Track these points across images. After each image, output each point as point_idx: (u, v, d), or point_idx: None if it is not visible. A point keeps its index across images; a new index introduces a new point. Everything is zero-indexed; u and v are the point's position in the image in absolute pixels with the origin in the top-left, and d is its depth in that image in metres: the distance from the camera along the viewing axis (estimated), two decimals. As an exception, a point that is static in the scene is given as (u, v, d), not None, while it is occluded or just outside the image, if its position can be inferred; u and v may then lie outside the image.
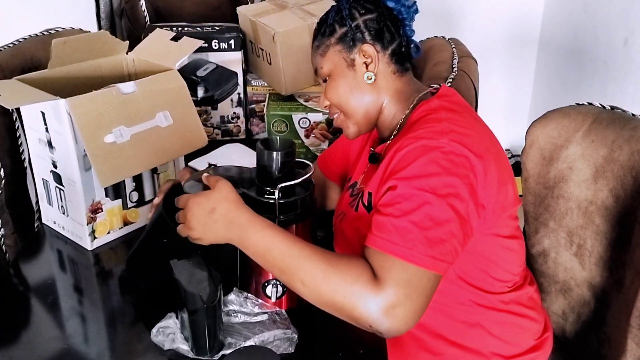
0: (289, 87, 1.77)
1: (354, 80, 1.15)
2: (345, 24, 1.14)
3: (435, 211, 0.94)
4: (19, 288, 1.31)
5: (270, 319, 1.11)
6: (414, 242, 0.92)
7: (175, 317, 1.08)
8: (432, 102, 1.10)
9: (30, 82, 1.32)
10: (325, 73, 1.17)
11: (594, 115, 1.20)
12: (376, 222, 0.97)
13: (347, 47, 1.14)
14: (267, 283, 1.13)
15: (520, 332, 1.15)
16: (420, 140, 0.99)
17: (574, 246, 1.24)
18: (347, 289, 0.91)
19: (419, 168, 0.97)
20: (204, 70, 1.75)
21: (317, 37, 1.19)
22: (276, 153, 1.09)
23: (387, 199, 0.98)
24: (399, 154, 1.00)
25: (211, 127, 1.86)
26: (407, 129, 1.09)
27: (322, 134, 1.73)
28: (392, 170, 1.00)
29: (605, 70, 2.47)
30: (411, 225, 0.93)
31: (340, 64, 1.15)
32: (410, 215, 0.93)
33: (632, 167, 1.11)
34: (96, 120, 1.27)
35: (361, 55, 1.13)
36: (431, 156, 0.97)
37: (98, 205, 1.36)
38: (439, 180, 0.95)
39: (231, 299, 1.12)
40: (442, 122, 1.03)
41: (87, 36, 1.53)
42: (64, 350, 1.09)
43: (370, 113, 1.16)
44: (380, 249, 0.93)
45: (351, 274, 0.92)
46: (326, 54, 1.16)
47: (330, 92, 1.17)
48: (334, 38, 1.15)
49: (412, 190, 0.95)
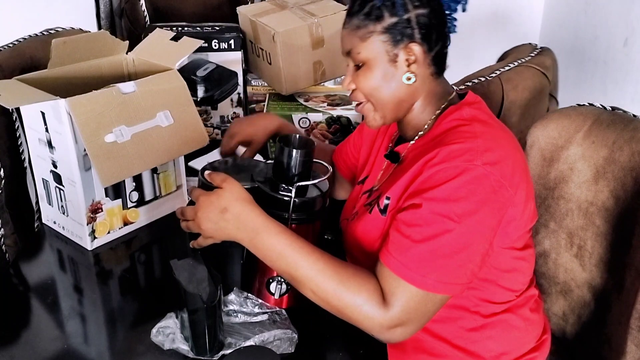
0: (289, 87, 1.77)
1: (393, 76, 1.06)
2: (397, 13, 1.02)
3: (457, 239, 0.94)
4: (19, 288, 1.31)
5: (271, 319, 1.11)
6: (430, 269, 0.94)
7: (175, 317, 1.08)
8: (464, 111, 1.06)
9: (30, 82, 1.32)
10: (361, 59, 1.07)
11: (595, 116, 1.20)
12: (394, 240, 0.97)
13: (394, 41, 1.04)
14: (272, 280, 1.13)
15: (523, 336, 1.15)
16: (454, 160, 0.96)
17: (574, 247, 1.24)
18: (356, 309, 0.96)
19: (449, 192, 0.94)
20: (204, 70, 1.75)
21: (357, 15, 1.06)
22: (296, 151, 1.09)
23: (409, 217, 0.96)
24: (430, 171, 0.97)
25: (211, 127, 1.86)
26: (436, 136, 1.05)
27: (322, 134, 1.73)
28: (420, 187, 0.97)
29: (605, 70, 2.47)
30: (429, 253, 0.94)
31: (382, 56, 1.05)
32: (430, 242, 0.94)
33: (633, 168, 1.11)
34: (96, 120, 1.27)
35: (406, 53, 1.04)
36: (463, 180, 0.94)
37: (98, 205, 1.36)
38: (466, 207, 0.94)
39: (231, 299, 1.12)
40: (477, 138, 0.98)
41: (87, 36, 1.53)
42: (64, 350, 1.09)
43: (400, 110, 1.10)
44: (394, 272, 0.95)
45: (362, 296, 0.95)
46: (367, 40, 1.05)
47: (362, 81, 1.08)
48: (381, 26, 1.04)
49: (436, 216, 0.94)
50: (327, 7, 1.78)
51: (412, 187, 1.00)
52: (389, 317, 0.95)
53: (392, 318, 0.94)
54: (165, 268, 1.38)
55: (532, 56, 1.70)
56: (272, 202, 1.08)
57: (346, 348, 1.12)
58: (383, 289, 0.96)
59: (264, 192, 1.10)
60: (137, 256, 1.42)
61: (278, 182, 1.10)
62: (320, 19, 1.73)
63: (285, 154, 1.09)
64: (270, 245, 0.99)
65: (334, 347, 1.12)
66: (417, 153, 1.07)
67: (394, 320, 0.95)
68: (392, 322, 0.95)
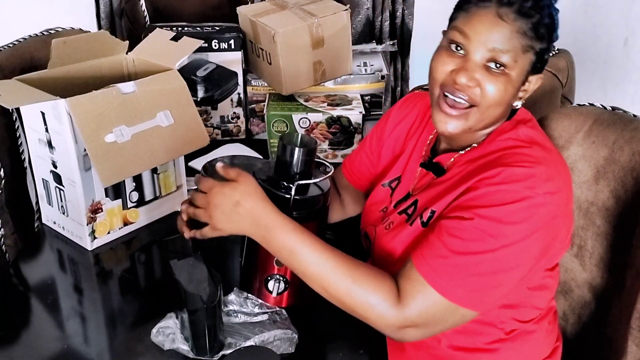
0: (289, 87, 1.77)
1: (511, 94, 0.97)
2: (551, 40, 0.96)
3: (499, 261, 0.92)
4: (19, 288, 1.31)
5: (271, 319, 1.11)
6: (461, 282, 0.92)
7: (175, 317, 1.08)
8: (520, 131, 1.01)
9: (30, 82, 1.32)
10: (505, 63, 0.94)
11: (595, 116, 1.20)
12: (431, 246, 0.94)
13: (535, 66, 0.97)
14: (270, 277, 1.13)
15: (540, 346, 1.13)
16: (516, 184, 0.92)
17: (574, 247, 1.24)
18: (369, 308, 0.94)
19: (504, 214, 0.91)
20: (204, 70, 1.75)
21: (524, 19, 0.93)
22: (298, 149, 1.09)
23: (454, 226, 0.93)
24: (488, 189, 0.93)
25: (211, 127, 1.86)
26: (489, 153, 1.01)
27: (322, 134, 1.73)
28: (474, 203, 0.94)
29: (605, 70, 2.47)
30: (465, 267, 0.92)
31: (520, 73, 0.96)
32: (469, 257, 0.92)
33: (633, 168, 1.10)
34: (96, 120, 1.27)
35: (528, 80, 0.98)
36: (521, 205, 0.91)
37: (98, 206, 1.35)
38: (518, 233, 0.91)
39: (231, 299, 1.12)
40: (540, 165, 0.94)
41: (87, 36, 1.53)
42: (64, 351, 1.09)
43: (486, 126, 1.03)
44: (424, 277, 0.93)
45: (376, 296, 0.94)
46: (526, 54, 0.94)
47: (489, 86, 0.95)
48: (539, 46, 0.95)
49: (483, 233, 0.91)
50: (327, 7, 1.78)
51: (463, 199, 0.96)
52: (403, 317, 0.93)
53: (406, 319, 0.93)
54: (165, 268, 1.38)
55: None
56: (272, 200, 1.08)
57: (346, 348, 1.12)
58: (403, 289, 0.94)
59: (265, 189, 1.10)
60: (137, 256, 1.42)
61: (279, 180, 1.10)
62: (320, 19, 1.73)
63: (287, 152, 1.09)
64: (282, 242, 0.98)
65: (334, 347, 1.12)
66: (464, 167, 1.02)
67: (407, 321, 0.93)
68: (404, 323, 0.93)
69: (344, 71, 1.85)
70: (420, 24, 2.41)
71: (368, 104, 1.87)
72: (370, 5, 2.39)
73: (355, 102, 1.78)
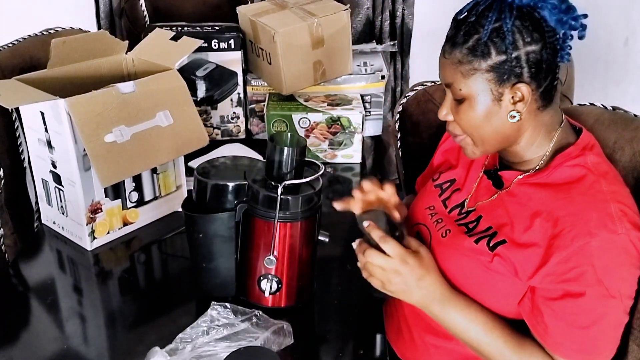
0: (289, 87, 1.77)
1: (496, 114, 0.99)
2: (505, 51, 0.94)
3: (619, 312, 0.95)
4: (19, 288, 1.31)
5: (254, 323, 1.09)
6: (602, 347, 0.96)
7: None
8: (588, 158, 1.01)
9: (29, 82, 1.32)
10: (462, 95, 1.00)
11: (596, 115, 1.20)
12: (560, 331, 0.96)
13: (499, 80, 0.96)
14: (262, 277, 1.14)
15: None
16: (598, 232, 0.92)
17: (575, 247, 1.24)
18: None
19: (601, 271, 0.92)
20: (204, 70, 1.75)
21: (459, 48, 0.97)
22: (287, 149, 1.09)
23: (572, 306, 0.94)
24: (570, 248, 0.93)
25: (211, 127, 1.86)
26: (558, 183, 1.01)
27: (322, 134, 1.73)
28: (569, 275, 0.94)
29: (605, 70, 2.47)
30: (600, 333, 0.95)
31: (485, 94, 0.98)
32: (598, 324, 0.94)
33: (634, 168, 1.10)
34: (96, 120, 1.27)
35: (512, 92, 0.97)
36: (612, 254, 0.93)
37: (97, 206, 1.35)
38: (622, 279, 0.94)
39: (213, 315, 1.09)
40: (611, 202, 0.95)
41: (86, 36, 1.53)
42: (64, 351, 1.09)
43: (503, 144, 1.04)
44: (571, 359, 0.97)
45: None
46: (470, 77, 0.97)
47: (463, 118, 1.01)
48: (487, 64, 0.96)
49: (599, 300, 0.93)
50: (327, 7, 1.78)
51: (556, 267, 0.95)
52: None
53: None
54: (165, 268, 1.38)
55: None
56: (262, 199, 1.09)
57: (346, 348, 1.11)
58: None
59: (255, 189, 1.10)
60: (137, 256, 1.42)
61: (269, 180, 1.10)
62: (320, 19, 1.73)
63: (274, 151, 1.09)
64: (455, 319, 1.02)
65: (334, 347, 1.12)
66: (533, 191, 1.02)
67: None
68: None
69: (344, 71, 1.85)
70: (420, 24, 2.41)
71: (368, 104, 1.87)
72: (370, 5, 2.39)
73: (355, 102, 1.78)
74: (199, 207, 1.15)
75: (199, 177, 1.15)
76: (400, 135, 1.50)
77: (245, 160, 1.23)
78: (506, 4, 0.95)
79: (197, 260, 1.18)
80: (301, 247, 1.14)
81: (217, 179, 1.14)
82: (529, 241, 0.98)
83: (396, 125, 1.50)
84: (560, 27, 0.97)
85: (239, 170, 1.17)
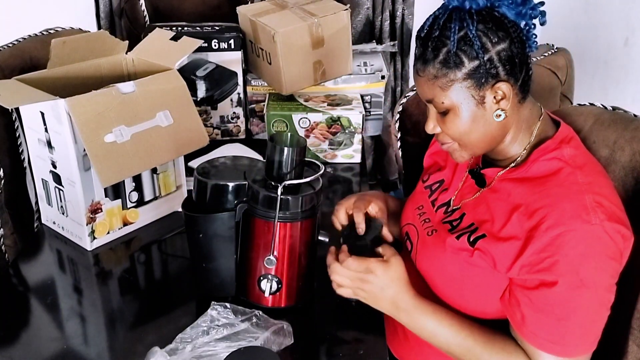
0: (289, 87, 1.77)
1: (482, 117, 1.01)
2: (477, 57, 0.97)
3: (593, 302, 0.95)
4: (19, 288, 1.31)
5: (254, 323, 1.09)
6: (579, 339, 0.96)
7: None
8: (564, 151, 1.02)
9: (29, 82, 1.32)
10: (446, 107, 1.02)
11: (596, 115, 1.20)
12: (536, 321, 0.96)
13: (478, 84, 0.99)
14: (262, 277, 1.14)
15: None
16: (572, 222, 0.93)
17: (575, 247, 1.24)
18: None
19: (577, 260, 0.93)
20: (204, 70, 1.74)
21: (431, 63, 1.00)
22: (287, 149, 1.09)
23: (546, 296, 0.95)
24: (546, 237, 0.94)
25: (211, 127, 1.86)
26: (536, 177, 1.02)
27: (322, 134, 1.73)
28: (544, 265, 0.95)
29: (605, 70, 2.47)
30: (577, 326, 0.95)
31: (468, 101, 1.00)
32: (575, 314, 0.95)
33: (634, 169, 1.10)
34: (96, 120, 1.27)
35: (493, 92, 0.99)
36: (586, 243, 0.93)
37: (97, 206, 1.35)
38: (597, 269, 0.94)
39: (213, 315, 1.09)
40: (586, 193, 0.96)
41: (86, 36, 1.53)
42: (64, 351, 1.09)
43: (491, 146, 1.06)
44: (549, 352, 0.96)
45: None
46: (449, 89, 0.99)
47: (451, 128, 1.03)
48: (462, 73, 0.98)
49: (574, 290, 0.94)
50: (327, 7, 1.78)
51: (531, 258, 0.96)
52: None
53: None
54: (165, 268, 1.38)
55: (545, 56, 1.70)
56: (262, 199, 1.09)
57: (346, 348, 1.11)
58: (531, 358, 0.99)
59: (255, 189, 1.10)
60: (137, 256, 1.42)
61: (269, 180, 1.10)
62: (320, 19, 1.73)
63: (274, 151, 1.09)
64: (423, 325, 1.05)
65: (334, 347, 1.12)
66: (512, 187, 1.04)
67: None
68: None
69: (344, 71, 1.85)
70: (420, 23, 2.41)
71: (368, 104, 1.87)
72: (370, 5, 2.39)
73: (355, 102, 1.78)
74: (199, 207, 1.15)
75: (199, 177, 1.15)
76: (400, 135, 1.50)
77: (245, 160, 1.23)
78: (465, 12, 0.97)
79: (197, 260, 1.19)
80: (301, 247, 1.14)
81: (217, 179, 1.14)
82: (508, 234, 1.00)
83: (396, 125, 1.50)
84: (520, 19, 0.99)
85: (239, 170, 1.17)
